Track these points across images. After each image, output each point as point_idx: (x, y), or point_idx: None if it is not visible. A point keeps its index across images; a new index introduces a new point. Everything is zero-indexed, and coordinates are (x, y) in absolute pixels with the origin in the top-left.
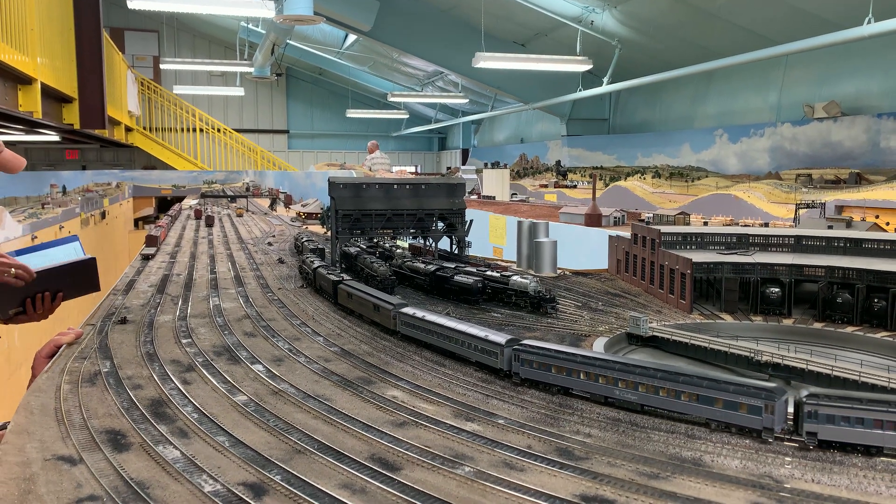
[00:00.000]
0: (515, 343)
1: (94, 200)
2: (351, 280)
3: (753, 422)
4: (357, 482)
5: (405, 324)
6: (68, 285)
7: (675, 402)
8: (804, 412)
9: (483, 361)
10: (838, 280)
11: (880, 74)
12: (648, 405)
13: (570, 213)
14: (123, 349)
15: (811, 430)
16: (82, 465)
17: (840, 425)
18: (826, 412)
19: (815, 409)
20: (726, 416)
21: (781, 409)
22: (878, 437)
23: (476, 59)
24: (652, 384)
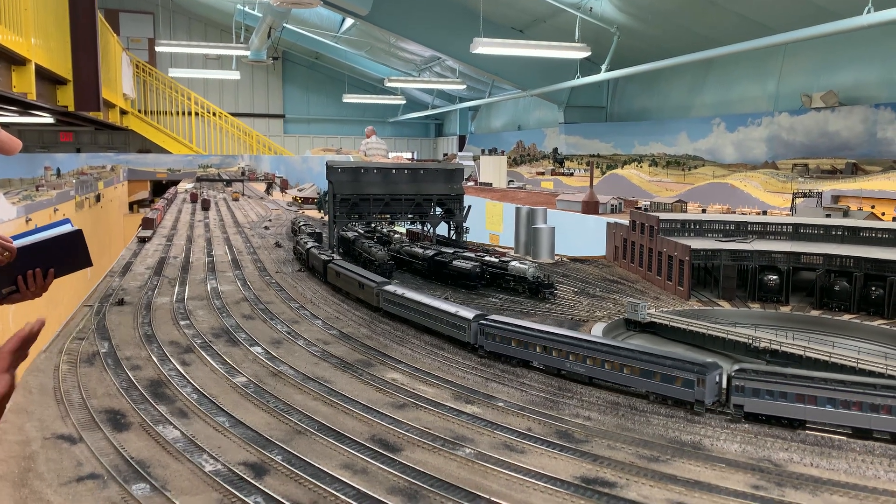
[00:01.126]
0: (481, 318)
1: (88, 183)
2: (340, 260)
3: (686, 394)
4: (358, 462)
5: (387, 301)
6: (59, 261)
7: (618, 375)
8: (732, 386)
9: (453, 335)
10: (836, 268)
11: (878, 64)
12: (596, 377)
13: (567, 201)
14: (121, 330)
15: (738, 402)
16: (82, 443)
17: (765, 399)
18: (752, 386)
19: (742, 384)
20: (663, 389)
21: (712, 383)
22: (801, 411)
23: (474, 45)
24: (598, 358)
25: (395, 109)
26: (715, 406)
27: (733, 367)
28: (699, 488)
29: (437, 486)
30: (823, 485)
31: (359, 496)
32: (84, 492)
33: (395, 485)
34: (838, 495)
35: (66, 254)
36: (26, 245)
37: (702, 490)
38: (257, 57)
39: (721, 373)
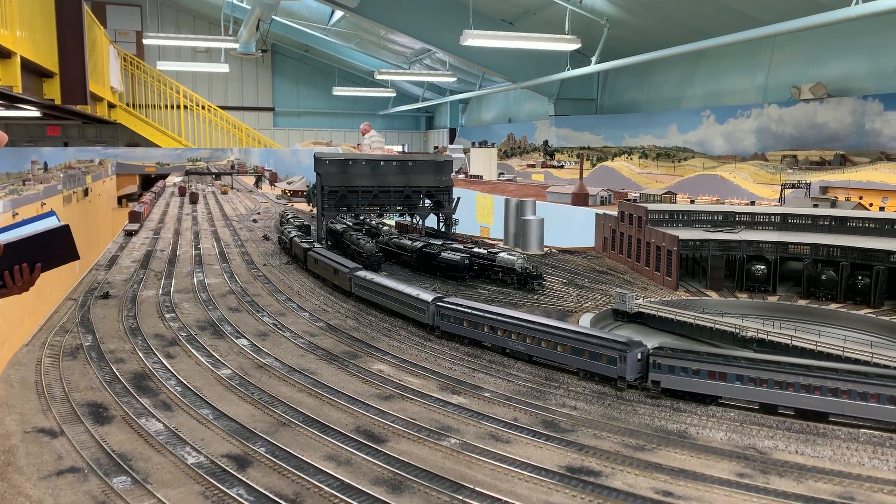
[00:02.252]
0: (439, 301)
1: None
2: (320, 248)
3: (610, 370)
4: (342, 454)
5: (358, 286)
6: (45, 255)
7: (553, 353)
8: (649, 363)
9: (415, 317)
10: (823, 258)
11: (867, 56)
12: (534, 355)
13: (557, 193)
14: (106, 323)
15: (655, 379)
16: (63, 437)
17: (679, 375)
18: (668, 363)
19: (658, 361)
20: (591, 366)
21: (633, 360)
22: (713, 387)
23: (464, 37)
24: (536, 337)
25: (386, 102)
26: (637, 382)
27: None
28: (684, 476)
29: (421, 476)
30: (808, 472)
31: (342, 487)
32: (64, 485)
33: (379, 476)
34: (822, 482)
35: (53, 248)
36: (13, 241)
37: (687, 478)
38: (246, 50)
39: (643, 351)
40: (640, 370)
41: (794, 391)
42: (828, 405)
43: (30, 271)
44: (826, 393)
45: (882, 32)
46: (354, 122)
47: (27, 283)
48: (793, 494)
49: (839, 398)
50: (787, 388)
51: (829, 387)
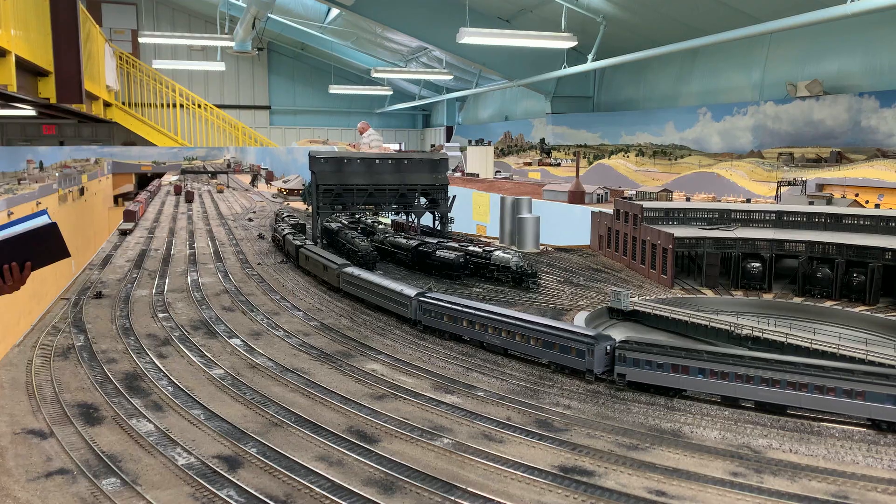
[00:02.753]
0: (421, 296)
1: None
2: (311, 245)
3: (579, 363)
4: (334, 454)
5: (346, 282)
6: (35, 254)
7: (527, 346)
8: (616, 356)
9: (399, 312)
10: (818, 255)
11: (862, 53)
12: (509, 348)
13: (553, 191)
14: (98, 323)
15: (621, 371)
16: (53, 438)
17: (644, 368)
18: (633, 356)
19: (624, 354)
20: (561, 359)
21: (601, 353)
22: (676, 380)
23: (460, 35)
24: (510, 331)
25: (382, 100)
26: (605, 375)
27: (619, 339)
28: (678, 476)
29: (413, 476)
30: (802, 471)
31: (333, 488)
32: (52, 487)
33: (370, 476)
34: (816, 481)
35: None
36: (1, 240)
37: (680, 478)
38: (242, 48)
39: (611, 344)
40: (608, 363)
41: (754, 384)
42: (786, 398)
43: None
44: (785, 386)
45: (877, 29)
46: (351, 120)
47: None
48: (787, 493)
49: (798, 391)
50: (747, 382)
51: (788, 380)
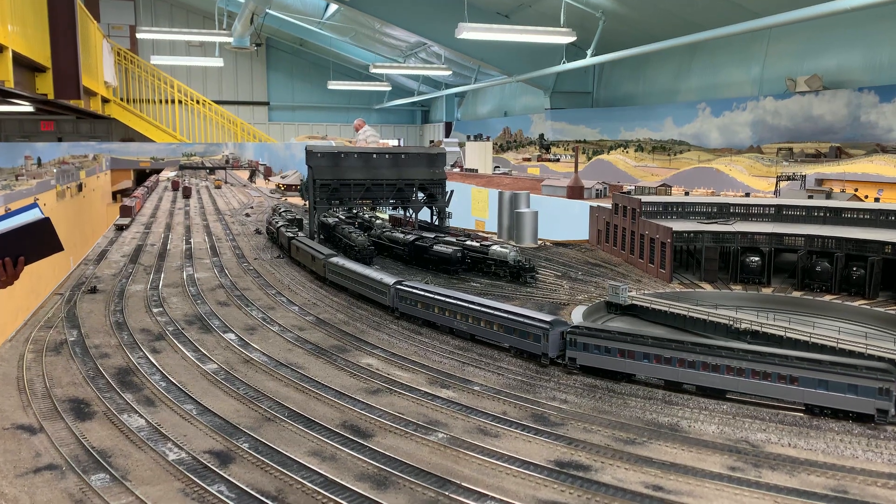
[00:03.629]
0: (398, 284)
1: (70, 173)
2: (303, 237)
3: (535, 347)
4: (327, 449)
5: (331, 271)
6: (28, 249)
7: (490, 332)
8: (567, 341)
9: (377, 300)
10: (817, 249)
11: (862, 48)
12: (476, 334)
13: (552, 186)
14: (92, 318)
15: (572, 356)
16: (42, 433)
17: (593, 353)
18: (583, 341)
19: (574, 339)
20: (520, 343)
21: (555, 338)
22: (623, 364)
23: (459, 30)
24: (476, 317)
25: (381, 96)
26: (559, 359)
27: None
28: (675, 470)
29: (407, 471)
30: (801, 465)
31: (326, 483)
32: (41, 483)
33: (364, 471)
34: (815, 475)
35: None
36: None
37: (678, 472)
38: (240, 44)
39: (565, 330)
40: (562, 347)
41: (695, 369)
42: (726, 383)
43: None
44: (724, 371)
45: (877, 24)
46: (350, 116)
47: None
48: (785, 488)
49: (736, 377)
50: (689, 367)
51: (727, 366)
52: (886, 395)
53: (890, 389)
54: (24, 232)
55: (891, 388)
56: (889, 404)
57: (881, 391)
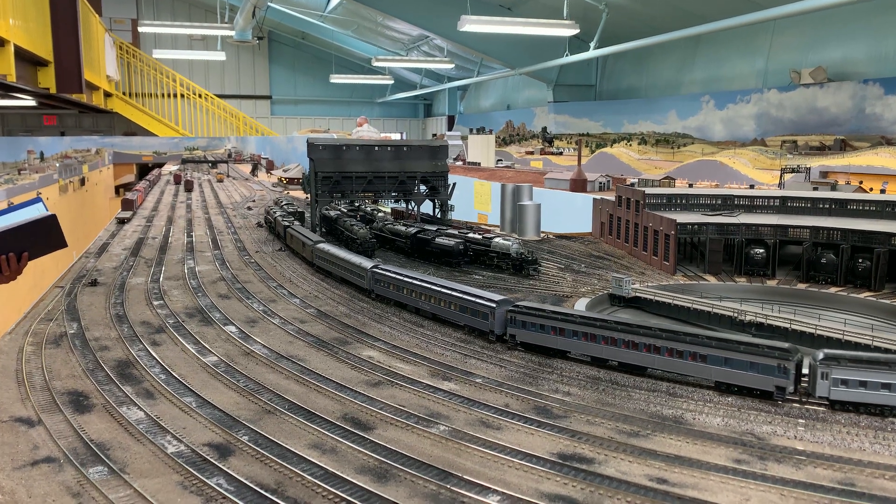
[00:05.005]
0: (375, 267)
1: (72, 167)
2: (298, 225)
3: (484, 325)
4: (327, 442)
5: (318, 256)
6: (32, 244)
7: (448, 311)
8: (508, 319)
9: (357, 283)
10: (823, 241)
11: (867, 40)
12: (438, 314)
13: (555, 179)
14: (92, 311)
15: (512, 332)
16: (40, 426)
17: (530, 330)
18: (521, 319)
19: (514, 317)
20: (472, 321)
21: (500, 316)
22: (555, 341)
23: (461, 23)
24: (438, 298)
25: (384, 90)
26: (504, 336)
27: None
28: (679, 463)
29: (408, 464)
30: (807, 458)
31: (326, 476)
32: (38, 476)
33: (364, 464)
34: (822, 468)
35: (41, 237)
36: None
37: (682, 465)
38: (242, 37)
39: (509, 309)
40: (506, 325)
41: (617, 347)
42: (644, 360)
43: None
44: (643, 349)
45: (882, 15)
46: (352, 110)
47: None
48: (792, 481)
49: (653, 354)
50: (612, 344)
51: (645, 343)
52: (784, 372)
53: (788, 367)
54: (30, 228)
55: (788, 367)
56: (787, 381)
57: (780, 369)
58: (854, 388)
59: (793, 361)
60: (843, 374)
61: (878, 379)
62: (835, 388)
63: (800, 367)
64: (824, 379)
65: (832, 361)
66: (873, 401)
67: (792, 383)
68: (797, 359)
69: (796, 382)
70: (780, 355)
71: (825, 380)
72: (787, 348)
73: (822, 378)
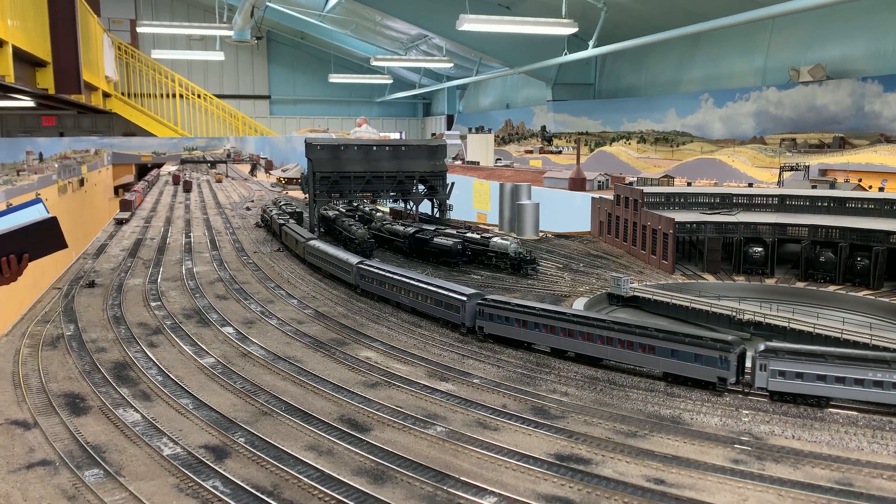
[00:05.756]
0: (361, 263)
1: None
2: (293, 223)
3: (456, 318)
4: (324, 443)
5: (308, 253)
6: (33, 246)
7: (425, 305)
8: (477, 312)
9: (343, 278)
10: (821, 239)
11: (866, 37)
12: (415, 307)
13: (554, 178)
14: (89, 312)
15: (481, 324)
16: (36, 429)
17: (497, 322)
18: (489, 312)
19: (483, 310)
20: (445, 314)
21: (471, 309)
22: (519, 332)
23: (460, 22)
24: (412, 291)
25: (383, 89)
26: (474, 328)
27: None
28: (677, 463)
29: (404, 465)
30: (805, 457)
31: (322, 478)
32: (33, 479)
33: (361, 465)
34: (820, 468)
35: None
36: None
37: (680, 465)
38: (241, 37)
39: (478, 302)
40: (476, 318)
41: (574, 338)
42: (598, 351)
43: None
44: (597, 340)
45: (881, 13)
46: (351, 109)
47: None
48: (790, 481)
49: (607, 345)
50: (570, 336)
51: (601, 335)
52: (726, 364)
53: (729, 359)
54: (31, 230)
55: (730, 358)
56: (728, 373)
57: (721, 360)
58: (791, 379)
59: (734, 353)
60: (780, 366)
61: (814, 371)
62: (773, 379)
63: (742, 359)
64: (763, 370)
65: (770, 353)
66: (809, 392)
67: (733, 374)
68: (738, 351)
69: (738, 374)
70: (722, 347)
71: (764, 371)
72: (729, 341)
73: (761, 370)
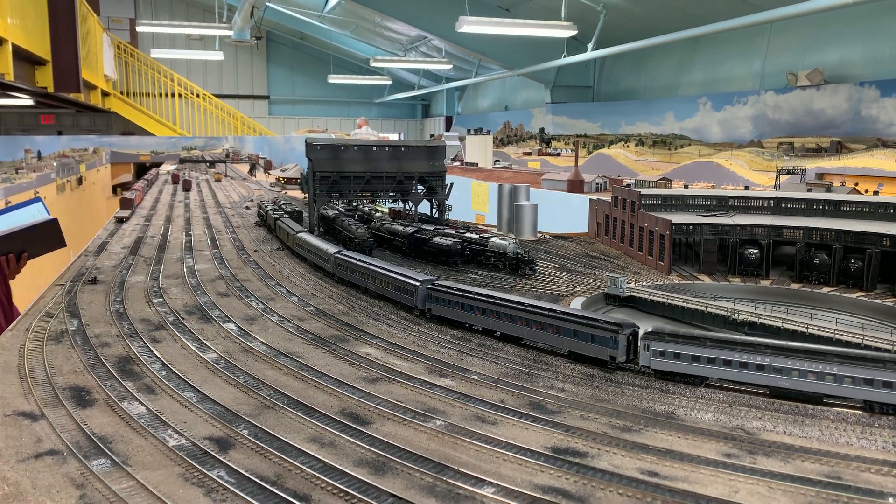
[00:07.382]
0: (338, 253)
1: (70, 166)
2: (287, 218)
3: (410, 301)
4: (326, 436)
5: (297, 245)
6: (32, 245)
7: (387, 290)
8: (427, 295)
9: (323, 266)
10: (816, 242)
11: (863, 42)
12: (380, 292)
13: (552, 180)
14: (92, 308)
15: (429, 307)
16: (43, 420)
17: (444, 306)
18: (435, 296)
19: (431, 293)
20: (402, 298)
21: (423, 293)
22: (465, 316)
23: (459, 24)
24: (379, 279)
25: (382, 90)
26: (426, 311)
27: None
28: (671, 457)
29: (405, 457)
30: (795, 452)
31: (324, 468)
32: (42, 468)
33: (362, 457)
34: (810, 462)
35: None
36: (2, 235)
37: (673, 459)
38: (240, 37)
39: (429, 286)
40: (426, 301)
41: (500, 319)
42: (518, 331)
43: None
44: (518, 322)
45: (879, 18)
46: (350, 110)
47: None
48: (780, 474)
49: (524, 326)
50: (497, 318)
51: (520, 317)
52: (616, 343)
53: (619, 340)
54: (32, 230)
55: (619, 339)
56: (617, 352)
57: (612, 340)
58: (669, 359)
59: (623, 335)
60: (661, 347)
61: (689, 352)
62: (655, 358)
63: (632, 341)
64: (646, 350)
65: (653, 335)
66: (684, 370)
67: (623, 354)
68: (629, 332)
69: (628, 353)
70: (612, 329)
71: (647, 351)
72: (620, 323)
73: (645, 350)
